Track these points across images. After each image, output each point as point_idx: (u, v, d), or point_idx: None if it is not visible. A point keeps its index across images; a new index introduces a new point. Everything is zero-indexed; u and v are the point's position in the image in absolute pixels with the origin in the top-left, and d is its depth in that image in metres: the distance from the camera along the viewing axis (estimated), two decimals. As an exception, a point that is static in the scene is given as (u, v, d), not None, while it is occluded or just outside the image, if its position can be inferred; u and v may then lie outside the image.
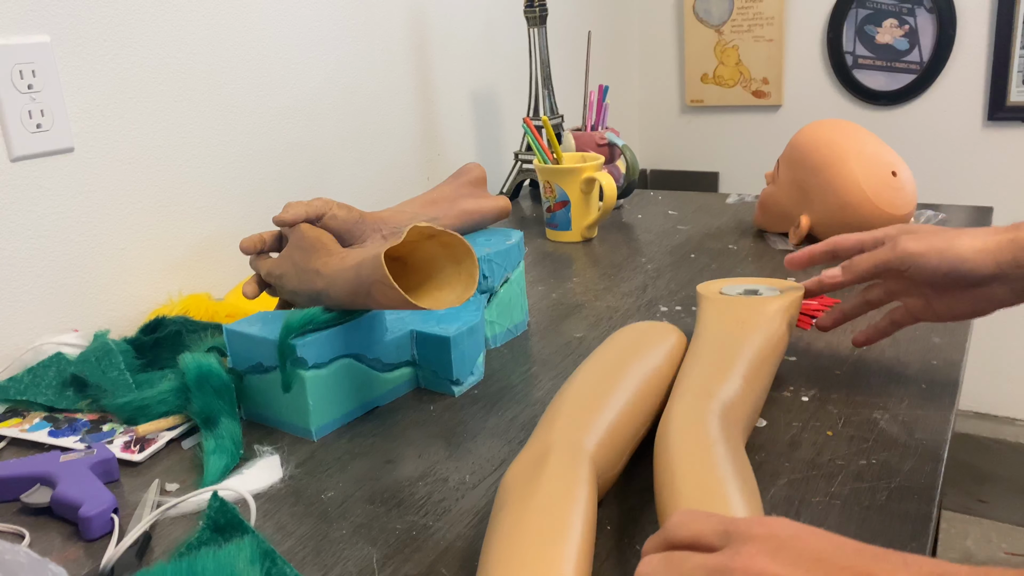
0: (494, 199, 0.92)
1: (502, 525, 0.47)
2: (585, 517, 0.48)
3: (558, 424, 0.57)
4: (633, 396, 0.61)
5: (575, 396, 0.60)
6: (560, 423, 0.57)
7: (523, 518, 0.47)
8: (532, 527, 0.46)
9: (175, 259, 0.98)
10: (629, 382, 0.62)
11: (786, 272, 1.00)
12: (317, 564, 0.53)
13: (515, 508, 0.48)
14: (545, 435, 0.56)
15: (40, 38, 0.83)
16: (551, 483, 0.50)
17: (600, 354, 0.67)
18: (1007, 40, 1.77)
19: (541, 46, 1.36)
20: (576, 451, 0.54)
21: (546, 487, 0.49)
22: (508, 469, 0.54)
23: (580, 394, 0.60)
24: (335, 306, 0.69)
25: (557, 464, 0.52)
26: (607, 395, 0.60)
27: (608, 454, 0.56)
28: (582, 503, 0.49)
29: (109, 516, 0.58)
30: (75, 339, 0.83)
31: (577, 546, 0.45)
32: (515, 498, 0.49)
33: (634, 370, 0.64)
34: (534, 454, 0.54)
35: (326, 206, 0.77)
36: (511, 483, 0.51)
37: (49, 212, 0.85)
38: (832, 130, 1.05)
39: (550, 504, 0.48)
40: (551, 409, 0.60)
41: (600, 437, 0.56)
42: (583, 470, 0.52)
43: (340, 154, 1.21)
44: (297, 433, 0.70)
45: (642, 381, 0.63)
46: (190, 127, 0.99)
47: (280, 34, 1.09)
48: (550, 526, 0.46)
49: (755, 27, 2.02)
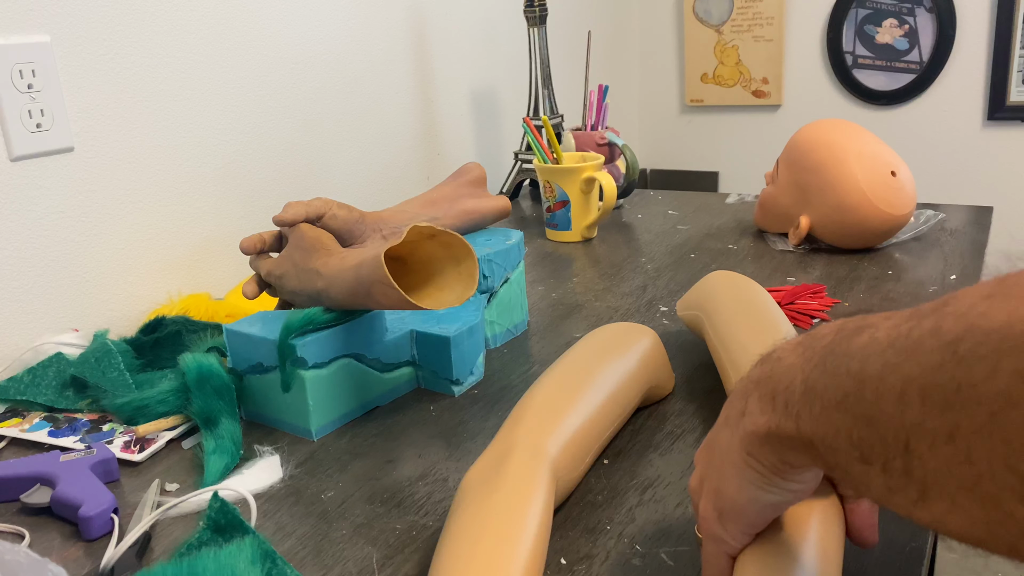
0: (494, 199, 0.92)
1: (457, 525, 0.47)
2: (540, 520, 0.48)
3: (521, 426, 0.56)
4: (600, 400, 0.61)
5: (541, 398, 0.60)
6: (523, 425, 0.56)
7: (478, 519, 0.47)
8: (486, 528, 0.46)
9: (175, 259, 0.98)
10: (597, 386, 0.62)
11: (786, 272, 1.00)
12: (317, 564, 0.53)
13: (471, 508, 0.48)
14: (507, 437, 0.56)
15: (40, 38, 0.83)
16: (508, 486, 0.50)
17: (570, 356, 0.66)
18: (1007, 40, 1.77)
19: (541, 46, 1.36)
20: (537, 454, 0.53)
21: (503, 489, 0.49)
22: (469, 469, 0.53)
23: (546, 396, 0.60)
24: (335, 306, 0.69)
25: (516, 467, 0.52)
26: (573, 399, 0.60)
27: (570, 458, 0.56)
28: (538, 506, 0.49)
29: (109, 516, 0.58)
30: (75, 339, 0.83)
31: (529, 549, 0.45)
32: (472, 498, 0.49)
33: (603, 373, 0.63)
34: (495, 456, 0.54)
35: (326, 206, 0.77)
36: (470, 483, 0.51)
37: (49, 212, 0.85)
38: (832, 130, 1.05)
39: (505, 507, 0.48)
40: (516, 411, 0.59)
41: (563, 441, 0.56)
42: (542, 473, 0.52)
43: (340, 154, 1.21)
44: (297, 433, 0.70)
45: (611, 385, 0.63)
46: (190, 127, 0.99)
47: (280, 34, 1.09)
48: (504, 528, 0.46)
49: (755, 27, 2.02)
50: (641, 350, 0.68)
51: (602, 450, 0.62)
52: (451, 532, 0.47)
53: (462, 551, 0.45)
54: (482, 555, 0.44)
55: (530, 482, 0.50)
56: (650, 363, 0.68)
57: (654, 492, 0.58)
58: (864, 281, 0.96)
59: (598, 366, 0.64)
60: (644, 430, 0.67)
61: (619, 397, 0.63)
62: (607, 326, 0.71)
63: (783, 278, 0.98)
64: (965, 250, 1.04)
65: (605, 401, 0.61)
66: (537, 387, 0.62)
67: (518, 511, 0.48)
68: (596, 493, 0.59)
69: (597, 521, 0.55)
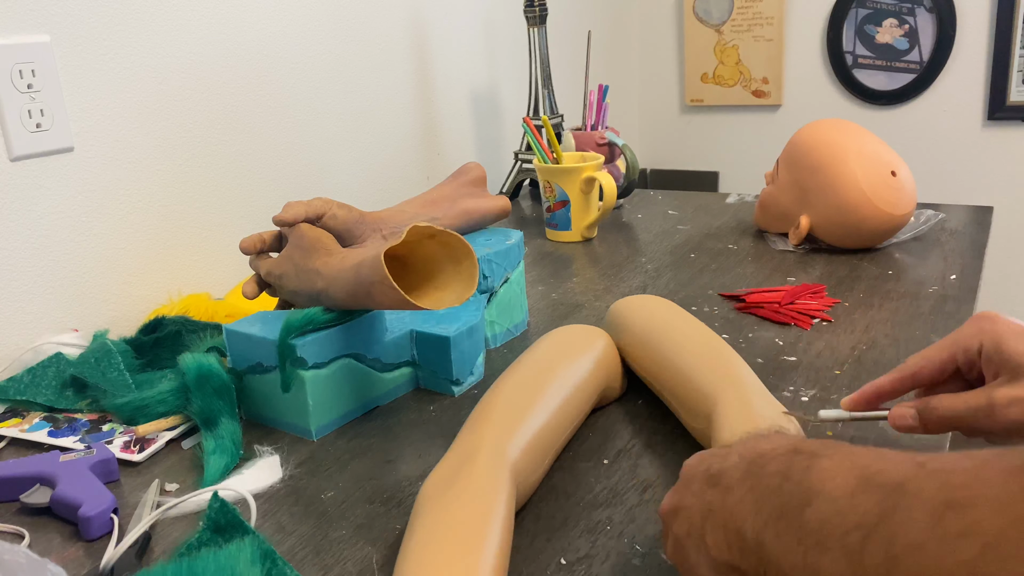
0: (494, 199, 0.92)
1: (419, 534, 0.47)
2: (502, 526, 0.48)
3: (479, 432, 0.56)
4: (558, 403, 0.61)
5: (499, 403, 0.59)
6: (481, 431, 0.56)
7: (441, 527, 0.47)
8: (448, 537, 0.46)
9: (175, 259, 0.98)
10: (555, 389, 0.62)
11: (786, 272, 1.00)
12: (317, 564, 0.53)
13: (432, 517, 0.48)
14: (466, 443, 0.55)
15: (40, 38, 0.83)
16: (469, 493, 0.49)
17: (526, 360, 0.66)
18: (1007, 40, 1.77)
19: (541, 46, 1.36)
20: (497, 459, 0.53)
21: (464, 497, 0.49)
22: (428, 477, 0.53)
23: (504, 401, 0.60)
24: (335, 306, 0.69)
25: (477, 473, 0.51)
26: (532, 403, 0.60)
27: (529, 462, 0.56)
28: (500, 513, 0.48)
29: (109, 516, 0.58)
30: (75, 339, 0.83)
31: (494, 557, 0.45)
32: (432, 507, 0.49)
33: (560, 376, 0.63)
34: (454, 462, 0.53)
35: (326, 206, 0.77)
36: (430, 491, 0.51)
37: (49, 212, 0.85)
38: (831, 130, 1.05)
39: (468, 514, 0.47)
40: (474, 416, 0.59)
41: (523, 445, 0.56)
42: (503, 479, 0.52)
43: (339, 154, 1.21)
44: (297, 433, 0.70)
45: (568, 388, 0.63)
46: (190, 127, 0.99)
47: (280, 33, 1.09)
48: (466, 537, 0.46)
49: (755, 27, 2.02)
50: (596, 352, 0.68)
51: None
52: (414, 541, 0.46)
53: (427, 560, 0.44)
54: (446, 564, 0.44)
55: (491, 488, 0.50)
56: (604, 365, 0.69)
57: (654, 492, 0.58)
58: (864, 281, 0.96)
59: (555, 369, 0.64)
60: (644, 430, 0.67)
61: (576, 400, 0.63)
62: (561, 328, 0.72)
63: (783, 278, 0.98)
64: (965, 250, 1.04)
65: (562, 404, 0.61)
66: (494, 392, 0.61)
67: (480, 518, 0.47)
68: (596, 493, 0.59)
69: (597, 521, 0.55)
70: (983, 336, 0.51)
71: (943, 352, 0.53)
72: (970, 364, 0.52)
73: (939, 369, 0.53)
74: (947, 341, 0.53)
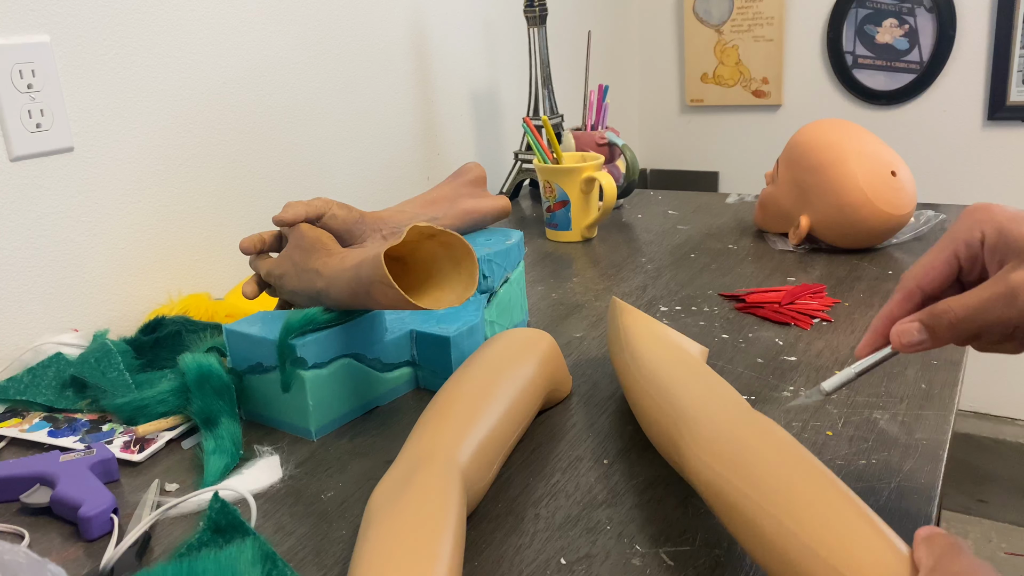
0: (494, 199, 0.92)
1: (371, 543, 0.46)
2: (455, 533, 0.47)
3: (427, 439, 0.56)
4: (504, 408, 0.61)
5: (446, 409, 0.59)
6: (429, 438, 0.56)
7: (391, 537, 0.46)
8: (400, 547, 0.45)
9: (175, 259, 0.98)
10: (501, 394, 0.62)
11: (786, 272, 1.00)
12: (317, 564, 0.53)
13: (384, 526, 0.47)
14: (414, 450, 0.55)
15: (40, 38, 0.83)
16: (419, 500, 0.49)
17: (470, 365, 0.66)
18: (1007, 40, 1.77)
19: (541, 46, 1.36)
20: (447, 465, 0.53)
21: (414, 504, 0.48)
22: (377, 485, 0.52)
23: (451, 408, 0.59)
24: (335, 306, 0.69)
25: (426, 481, 0.51)
26: (479, 408, 0.59)
27: (479, 467, 0.56)
28: (451, 520, 0.48)
29: (109, 516, 0.58)
30: (75, 339, 0.83)
31: (446, 566, 0.44)
32: (383, 516, 0.48)
33: (506, 380, 0.63)
34: (403, 470, 0.53)
35: (326, 206, 0.77)
36: (380, 500, 0.50)
37: (49, 212, 0.85)
38: (831, 130, 1.05)
39: (419, 522, 0.47)
40: (420, 424, 0.59)
41: (472, 451, 0.55)
42: (453, 486, 0.51)
43: (339, 154, 1.21)
44: (297, 433, 0.70)
45: (514, 391, 0.63)
46: (190, 126, 0.99)
47: (280, 33, 1.09)
48: (418, 545, 0.45)
49: (755, 27, 2.02)
50: (540, 355, 0.68)
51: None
52: (366, 550, 0.46)
53: (380, 569, 0.44)
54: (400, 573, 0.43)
55: (442, 494, 0.50)
56: (549, 367, 0.68)
57: (654, 492, 0.58)
58: (864, 281, 0.96)
59: (500, 374, 0.64)
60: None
61: (522, 403, 0.63)
62: (504, 332, 0.71)
63: (783, 278, 0.98)
64: (965, 250, 1.04)
65: (509, 408, 0.61)
66: (441, 398, 0.61)
67: (433, 525, 0.47)
68: (596, 493, 0.59)
69: (597, 521, 0.55)
70: (983, 226, 0.48)
71: (943, 252, 0.50)
72: (972, 259, 0.49)
73: (943, 273, 0.50)
74: (944, 241, 0.50)
